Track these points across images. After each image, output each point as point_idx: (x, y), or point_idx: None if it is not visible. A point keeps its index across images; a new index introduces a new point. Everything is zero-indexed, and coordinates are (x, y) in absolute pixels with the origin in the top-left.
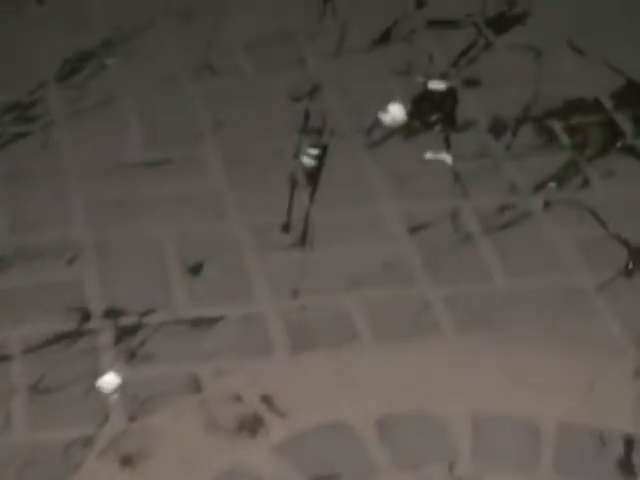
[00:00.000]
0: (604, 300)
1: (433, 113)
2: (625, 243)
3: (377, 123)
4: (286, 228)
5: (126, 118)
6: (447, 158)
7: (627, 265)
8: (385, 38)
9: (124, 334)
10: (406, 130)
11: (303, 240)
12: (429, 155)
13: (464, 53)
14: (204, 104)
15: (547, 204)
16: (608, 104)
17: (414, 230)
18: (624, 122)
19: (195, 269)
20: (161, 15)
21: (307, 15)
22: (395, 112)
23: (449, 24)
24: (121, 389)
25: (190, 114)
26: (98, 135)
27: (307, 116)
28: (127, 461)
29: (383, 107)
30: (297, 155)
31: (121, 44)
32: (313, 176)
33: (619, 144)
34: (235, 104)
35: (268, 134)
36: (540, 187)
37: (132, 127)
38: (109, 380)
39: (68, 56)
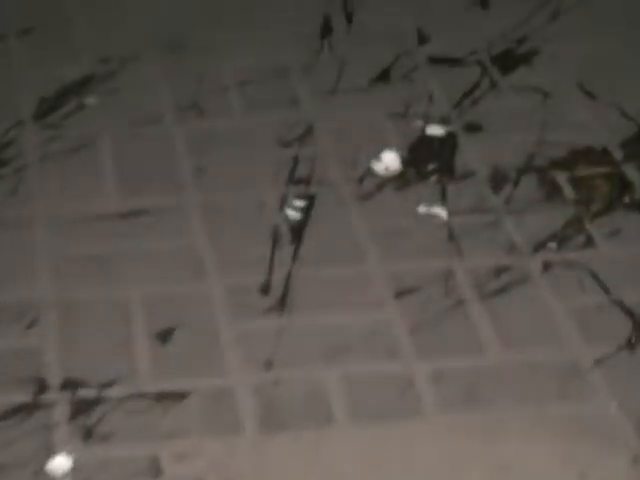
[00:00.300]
0: (602, 377)
1: (430, 161)
2: (629, 312)
3: (369, 172)
4: (265, 290)
5: (102, 163)
6: (442, 212)
7: (630, 338)
8: (384, 76)
9: (81, 409)
10: (400, 180)
11: (282, 303)
12: (423, 209)
13: (467, 94)
14: (187, 148)
15: (546, 266)
16: (617, 154)
17: (401, 294)
18: (634, 175)
19: (164, 336)
20: (151, 46)
21: (304, 50)
22: (389, 160)
23: (452, 62)
24: (73, 473)
25: (171, 160)
26: (71, 182)
27: (295, 163)
28: None
29: (377, 154)
30: (282, 207)
31: (104, 80)
32: (298, 231)
33: (627, 199)
34: (220, 149)
35: (252, 183)
36: (540, 247)
37: (107, 174)
38: (61, 462)
39: (47, 92)
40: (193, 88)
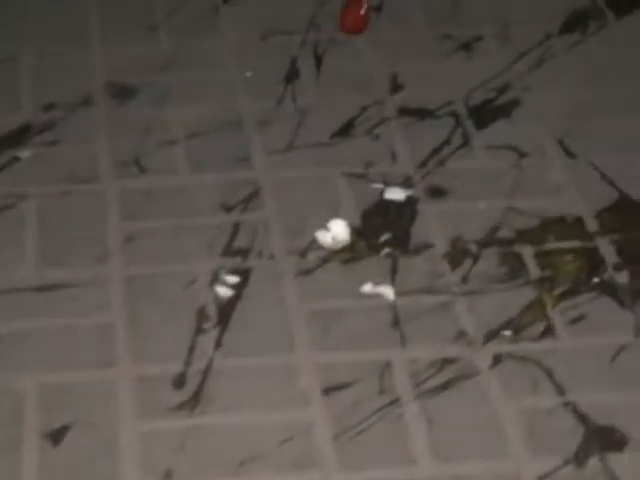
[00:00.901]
0: None
1: (384, 231)
2: (582, 418)
3: (314, 243)
4: (179, 382)
5: (25, 228)
6: (389, 292)
7: (578, 450)
8: (348, 129)
9: None
10: (348, 253)
11: (195, 400)
12: (368, 288)
13: (435, 152)
14: (120, 211)
15: (497, 360)
16: (592, 225)
17: (330, 390)
18: (607, 251)
19: (56, 435)
20: (98, 93)
21: (265, 98)
22: (338, 230)
23: (425, 113)
24: None
25: (101, 224)
26: None
27: (236, 231)
28: None
29: (326, 222)
30: (212, 283)
31: (43, 130)
32: (225, 312)
33: (596, 279)
34: (156, 212)
35: (186, 254)
36: (493, 336)
37: (30, 240)
38: None
39: None
40: (137, 141)
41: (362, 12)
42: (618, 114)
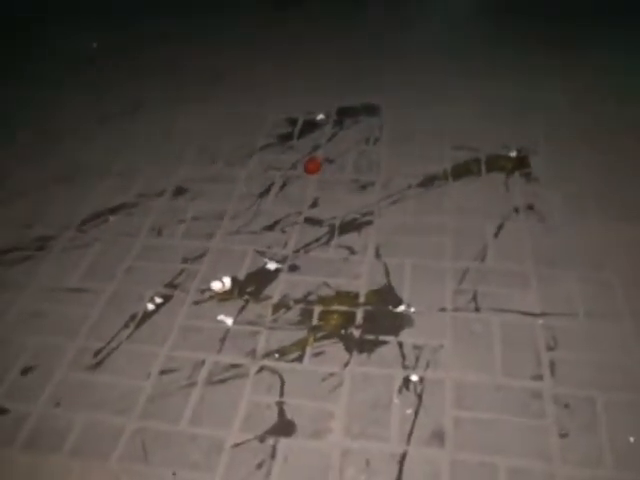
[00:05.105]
0: None
1: (251, 286)
2: (282, 414)
3: (209, 288)
4: (98, 352)
5: None
6: (229, 322)
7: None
8: (273, 226)
9: None
10: (225, 295)
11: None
12: (221, 317)
13: (307, 245)
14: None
15: (260, 369)
16: (361, 299)
17: (164, 372)
18: (360, 315)
19: None
20: (169, 189)
21: (244, 202)
22: (226, 282)
23: (316, 222)
24: None
25: None
26: None
27: (180, 273)
28: None
29: (223, 276)
30: (149, 301)
31: None
32: (144, 319)
33: (343, 331)
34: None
35: (146, 281)
36: (267, 355)
37: None
38: None
39: None
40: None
41: (318, 162)
42: (421, 234)
